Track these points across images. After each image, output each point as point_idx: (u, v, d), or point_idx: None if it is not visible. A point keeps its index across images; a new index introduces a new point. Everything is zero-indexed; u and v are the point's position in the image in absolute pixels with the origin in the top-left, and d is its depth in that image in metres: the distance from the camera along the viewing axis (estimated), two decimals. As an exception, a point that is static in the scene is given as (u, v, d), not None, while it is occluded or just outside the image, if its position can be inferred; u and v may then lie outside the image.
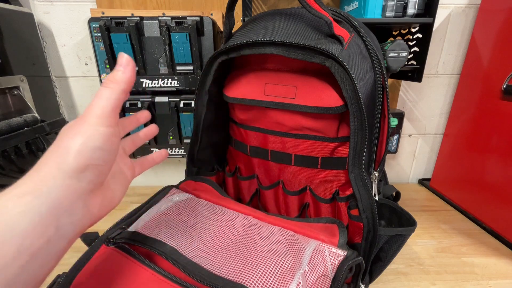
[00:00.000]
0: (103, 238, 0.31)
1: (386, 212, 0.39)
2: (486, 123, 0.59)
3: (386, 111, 0.37)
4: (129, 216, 0.36)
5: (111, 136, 0.21)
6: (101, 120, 0.20)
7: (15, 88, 0.53)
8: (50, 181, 0.18)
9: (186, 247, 0.30)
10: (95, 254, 0.30)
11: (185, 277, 0.26)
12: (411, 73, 0.58)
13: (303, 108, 0.36)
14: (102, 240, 0.31)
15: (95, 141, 0.20)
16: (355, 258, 0.30)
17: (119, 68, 0.22)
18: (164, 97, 0.61)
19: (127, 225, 0.34)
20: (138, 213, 0.36)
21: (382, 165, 0.39)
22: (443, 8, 0.66)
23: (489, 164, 0.58)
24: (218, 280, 0.26)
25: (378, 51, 0.37)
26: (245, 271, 0.26)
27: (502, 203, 0.55)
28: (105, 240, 0.31)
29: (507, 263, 0.50)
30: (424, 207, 0.68)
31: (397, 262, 0.49)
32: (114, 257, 0.29)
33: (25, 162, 0.54)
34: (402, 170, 0.83)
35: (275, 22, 0.35)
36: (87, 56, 0.68)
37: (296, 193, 0.43)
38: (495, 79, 0.57)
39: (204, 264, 0.28)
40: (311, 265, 0.29)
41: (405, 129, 0.77)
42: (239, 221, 0.35)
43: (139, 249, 0.30)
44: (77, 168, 0.19)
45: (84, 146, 0.19)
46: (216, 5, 0.64)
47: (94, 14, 0.59)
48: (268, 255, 0.29)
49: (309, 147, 0.40)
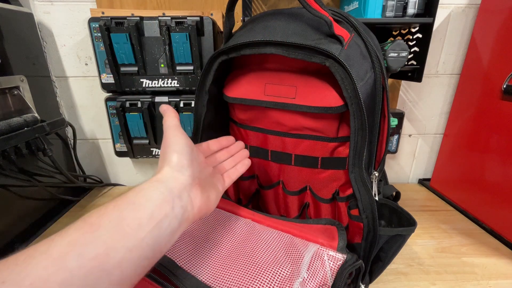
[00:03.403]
0: None
1: (386, 212, 0.39)
2: (486, 123, 0.59)
3: (386, 111, 0.37)
4: None
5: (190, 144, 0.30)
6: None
7: (15, 88, 0.53)
8: (165, 173, 0.27)
9: (183, 257, 0.29)
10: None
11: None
12: (411, 73, 0.58)
13: (303, 108, 0.36)
14: None
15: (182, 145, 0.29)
16: (355, 263, 0.30)
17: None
18: (164, 97, 0.61)
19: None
20: None
21: (382, 165, 0.39)
22: (443, 8, 0.66)
23: (489, 164, 0.58)
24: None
25: (378, 51, 0.37)
26: (243, 284, 0.26)
27: (502, 203, 0.55)
28: None
29: (507, 263, 0.50)
30: (424, 207, 0.68)
31: (397, 262, 0.49)
32: None
33: (25, 162, 0.54)
34: (402, 170, 0.83)
35: (275, 22, 0.35)
36: (87, 56, 0.68)
37: (296, 193, 0.43)
38: (495, 79, 0.57)
39: (202, 277, 0.27)
40: (310, 272, 0.28)
41: (405, 129, 0.77)
42: (238, 226, 0.35)
43: None
44: (178, 164, 0.27)
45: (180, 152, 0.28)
46: (216, 5, 0.64)
47: (94, 14, 0.59)
48: (267, 264, 0.29)
49: (309, 147, 0.40)
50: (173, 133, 0.29)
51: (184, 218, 0.26)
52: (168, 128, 0.29)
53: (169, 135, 0.29)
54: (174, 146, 0.28)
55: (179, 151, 0.28)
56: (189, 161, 0.28)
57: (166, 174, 0.27)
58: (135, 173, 0.79)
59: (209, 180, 0.32)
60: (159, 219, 0.23)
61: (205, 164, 0.34)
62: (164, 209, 0.24)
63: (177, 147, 0.28)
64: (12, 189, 0.53)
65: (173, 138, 0.29)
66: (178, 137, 0.29)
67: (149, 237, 0.22)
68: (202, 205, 0.28)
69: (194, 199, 0.28)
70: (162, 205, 0.24)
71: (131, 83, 0.60)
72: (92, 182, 0.76)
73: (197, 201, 0.28)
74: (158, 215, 0.23)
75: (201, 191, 0.29)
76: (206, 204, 0.29)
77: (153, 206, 0.23)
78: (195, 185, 0.28)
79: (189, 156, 0.28)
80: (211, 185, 0.32)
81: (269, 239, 0.33)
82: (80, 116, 0.73)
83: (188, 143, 0.29)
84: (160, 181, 0.26)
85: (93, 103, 0.72)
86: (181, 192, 0.26)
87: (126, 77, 0.59)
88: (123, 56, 0.56)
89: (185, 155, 0.28)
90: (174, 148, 0.28)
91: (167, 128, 0.30)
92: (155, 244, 0.23)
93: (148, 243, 0.22)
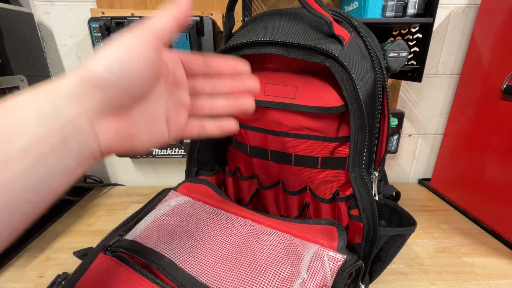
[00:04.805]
0: (100, 245, 0.31)
1: (386, 212, 0.39)
2: (486, 123, 0.59)
3: (386, 111, 0.37)
4: (126, 222, 0.35)
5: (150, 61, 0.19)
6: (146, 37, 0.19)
7: (15, 88, 0.53)
8: (67, 83, 0.18)
9: (183, 258, 0.29)
10: (93, 262, 0.29)
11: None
12: (411, 73, 0.58)
13: (303, 108, 0.36)
14: (100, 248, 0.31)
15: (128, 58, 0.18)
16: (355, 263, 0.30)
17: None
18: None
19: (125, 231, 0.33)
20: (135, 219, 0.36)
21: (382, 165, 0.39)
22: (443, 8, 0.66)
23: (489, 164, 0.58)
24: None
25: (378, 51, 0.37)
26: (243, 285, 0.26)
27: (502, 203, 0.55)
28: (103, 248, 0.30)
29: (507, 263, 0.50)
30: (424, 207, 0.68)
31: (397, 262, 0.49)
32: (113, 267, 0.29)
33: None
34: (402, 170, 0.83)
35: (275, 22, 0.35)
36: (87, 56, 0.68)
37: (296, 193, 0.43)
38: (495, 79, 0.57)
39: (202, 278, 0.27)
40: (310, 272, 0.28)
41: (405, 129, 0.77)
42: (237, 226, 0.35)
43: (137, 260, 0.30)
44: (99, 75, 0.18)
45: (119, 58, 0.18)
46: (216, 5, 0.64)
47: (94, 14, 0.59)
48: (266, 265, 0.29)
49: (309, 147, 0.40)
50: (128, 34, 0.19)
51: (84, 155, 0.19)
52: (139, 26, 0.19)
53: (125, 33, 0.19)
54: (107, 50, 0.18)
55: (104, 62, 0.18)
56: (110, 83, 0.18)
57: (65, 85, 0.18)
58: (135, 173, 0.80)
59: (157, 113, 0.22)
60: (40, 154, 0.16)
61: (176, 86, 0.23)
62: (48, 140, 0.17)
63: (108, 55, 0.18)
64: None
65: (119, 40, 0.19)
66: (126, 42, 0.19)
67: (26, 177, 0.16)
68: (114, 144, 0.20)
69: (100, 132, 0.19)
70: (45, 135, 0.17)
71: (131, 83, 0.60)
72: (92, 182, 0.76)
73: (106, 136, 0.19)
74: (37, 148, 0.16)
75: (118, 126, 0.20)
76: (121, 143, 0.20)
77: (28, 135, 0.16)
78: (108, 115, 0.19)
79: (114, 76, 0.18)
80: (154, 121, 0.22)
81: (269, 240, 0.33)
82: (80, 116, 0.73)
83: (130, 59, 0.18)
84: (48, 96, 0.17)
85: (93, 103, 0.72)
86: (77, 118, 0.18)
87: (126, 77, 0.59)
88: (123, 56, 0.56)
89: (107, 71, 0.18)
90: (104, 53, 0.18)
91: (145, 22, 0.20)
92: (39, 185, 0.17)
93: (24, 184, 0.16)
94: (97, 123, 0.19)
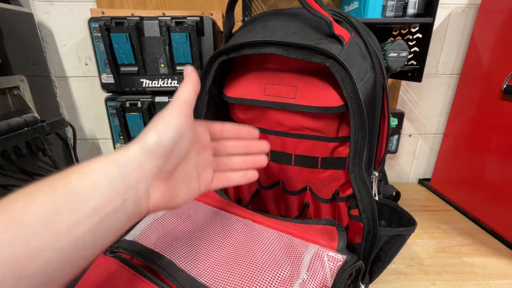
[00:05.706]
0: None
1: (386, 212, 0.39)
2: (486, 123, 0.59)
3: (386, 111, 0.37)
4: None
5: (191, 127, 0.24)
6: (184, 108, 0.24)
7: (15, 88, 0.53)
8: (130, 153, 0.21)
9: (183, 258, 0.29)
10: (93, 263, 0.29)
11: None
12: (411, 73, 0.58)
13: (303, 108, 0.36)
14: None
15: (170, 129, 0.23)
16: (355, 263, 0.30)
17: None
18: (164, 97, 0.61)
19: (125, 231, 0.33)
20: None
21: (382, 165, 0.39)
22: (443, 8, 0.66)
23: (489, 164, 0.58)
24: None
25: (378, 51, 0.37)
26: (243, 285, 0.26)
27: (502, 203, 0.55)
28: None
29: (507, 263, 0.50)
30: (424, 207, 0.68)
31: (397, 262, 0.49)
32: (113, 268, 0.29)
33: (25, 162, 0.54)
34: (402, 170, 0.83)
35: (275, 22, 0.35)
36: (87, 56, 0.68)
37: (296, 193, 0.43)
38: (495, 79, 0.57)
39: (202, 279, 0.27)
40: (310, 272, 0.28)
41: (405, 129, 0.77)
42: (237, 227, 0.35)
43: (137, 260, 0.30)
44: (152, 147, 0.22)
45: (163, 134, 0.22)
46: (216, 5, 0.64)
47: (94, 14, 0.59)
48: (266, 265, 0.29)
49: (309, 147, 0.40)
50: (172, 108, 0.24)
51: (135, 214, 0.22)
52: (174, 100, 0.24)
53: (167, 108, 0.24)
54: (161, 124, 0.23)
55: (162, 133, 0.22)
56: (168, 149, 0.22)
57: (131, 155, 0.21)
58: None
59: (191, 172, 0.27)
60: (105, 215, 0.19)
61: (202, 148, 0.28)
62: (113, 202, 0.19)
63: (162, 127, 0.23)
64: (12, 189, 0.53)
65: (167, 114, 0.23)
66: (173, 115, 0.23)
67: (89, 236, 0.18)
68: (160, 203, 0.23)
69: (152, 193, 0.22)
70: (112, 198, 0.19)
71: (131, 83, 0.60)
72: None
73: (156, 197, 0.23)
74: (104, 210, 0.19)
75: (166, 186, 0.24)
76: (166, 202, 0.24)
77: (99, 197, 0.18)
78: (161, 178, 0.23)
79: (172, 143, 0.22)
80: (189, 180, 0.26)
81: (268, 240, 0.33)
82: (80, 116, 0.73)
83: (180, 127, 0.23)
84: (117, 163, 0.20)
85: (93, 103, 0.72)
86: (138, 183, 0.21)
87: (126, 77, 0.59)
88: (123, 56, 0.56)
89: (167, 140, 0.22)
90: (159, 126, 0.23)
91: (173, 99, 0.25)
92: (96, 242, 0.19)
93: (86, 242, 0.18)
94: (152, 185, 0.22)
